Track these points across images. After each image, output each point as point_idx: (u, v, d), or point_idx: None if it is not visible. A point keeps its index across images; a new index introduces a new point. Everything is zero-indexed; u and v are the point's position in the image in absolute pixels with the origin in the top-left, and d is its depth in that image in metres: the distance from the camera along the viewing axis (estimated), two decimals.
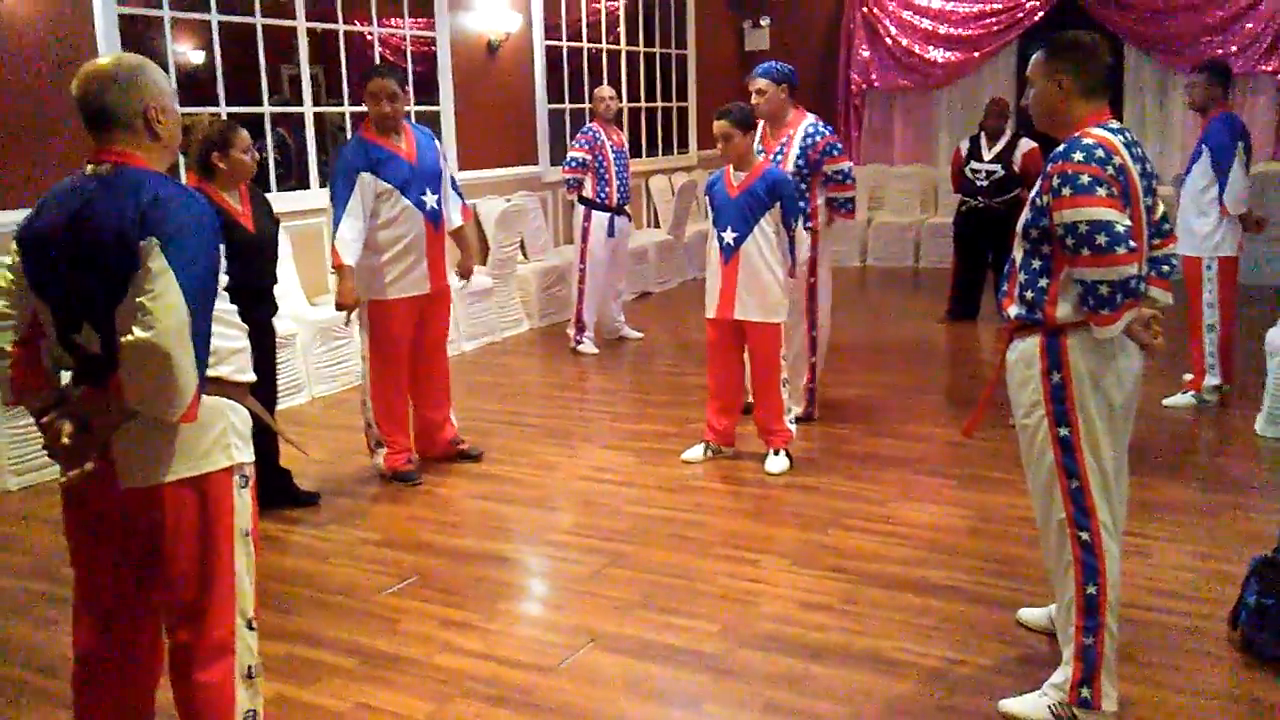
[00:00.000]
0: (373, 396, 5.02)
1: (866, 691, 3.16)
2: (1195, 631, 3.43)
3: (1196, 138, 5.86)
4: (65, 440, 2.26)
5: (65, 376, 2.42)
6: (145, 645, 2.50)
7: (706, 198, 5.10)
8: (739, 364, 5.15)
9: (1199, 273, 5.75)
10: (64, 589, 3.34)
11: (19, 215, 2.45)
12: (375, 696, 3.20)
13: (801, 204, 5.47)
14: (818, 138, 5.47)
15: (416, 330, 5.03)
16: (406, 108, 5.00)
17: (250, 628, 2.47)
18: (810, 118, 5.55)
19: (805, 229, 5.51)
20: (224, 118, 4.43)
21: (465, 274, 5.44)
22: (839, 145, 5.62)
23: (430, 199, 4.90)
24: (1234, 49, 9.94)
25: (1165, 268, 3.03)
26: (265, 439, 4.06)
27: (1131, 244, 2.68)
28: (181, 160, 5.16)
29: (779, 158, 5.46)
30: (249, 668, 2.46)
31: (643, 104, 11.09)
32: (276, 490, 4.67)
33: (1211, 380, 5.85)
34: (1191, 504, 4.55)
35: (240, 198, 4.37)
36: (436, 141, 5.09)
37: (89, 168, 2.30)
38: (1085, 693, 2.88)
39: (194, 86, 8.48)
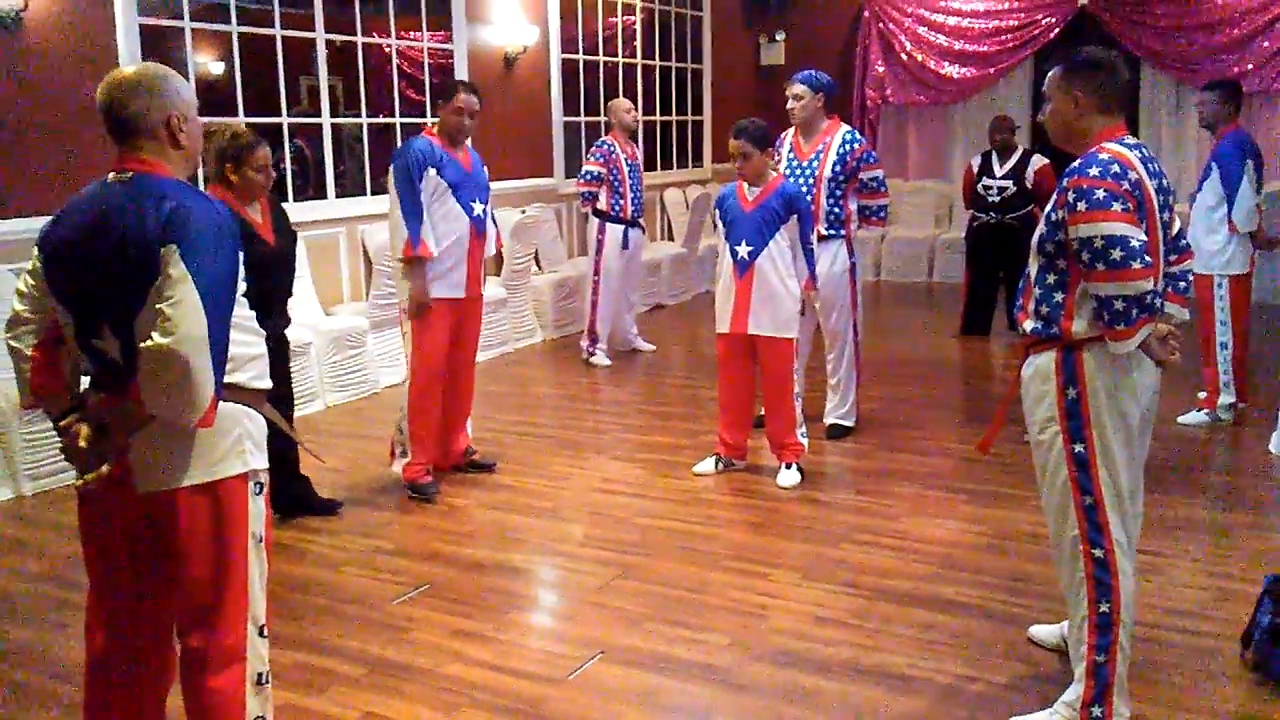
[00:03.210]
0: (410, 402, 4.99)
1: (877, 707, 3.15)
2: (1208, 651, 3.41)
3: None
4: (83, 444, 2.28)
5: (84, 381, 2.44)
6: (157, 650, 2.51)
7: (717, 212, 5.11)
8: (750, 378, 5.15)
9: (1210, 291, 5.74)
10: (77, 594, 3.36)
11: (41, 221, 2.47)
12: (385, 705, 3.20)
13: (836, 210, 5.52)
14: (855, 144, 5.56)
15: (451, 337, 5.04)
16: (432, 120, 5.08)
17: (262, 635, 2.47)
18: (846, 126, 5.62)
19: (839, 236, 5.54)
20: (247, 131, 4.39)
21: None
22: (874, 153, 5.72)
23: (478, 207, 5.01)
24: (1250, 67, 9.92)
25: (1182, 284, 3.02)
26: (285, 447, 4.08)
27: (1147, 259, 2.68)
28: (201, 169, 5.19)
29: (815, 163, 5.50)
30: (259, 674, 2.47)
31: (657, 117, 11.12)
32: (296, 498, 4.69)
33: (1226, 398, 5.83)
34: (1205, 522, 4.53)
35: (260, 210, 4.39)
36: (485, 170, 5.23)
37: (111, 175, 2.32)
38: (1097, 711, 2.86)
39: (214, 97, 8.55)
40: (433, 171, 4.85)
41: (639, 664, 3.42)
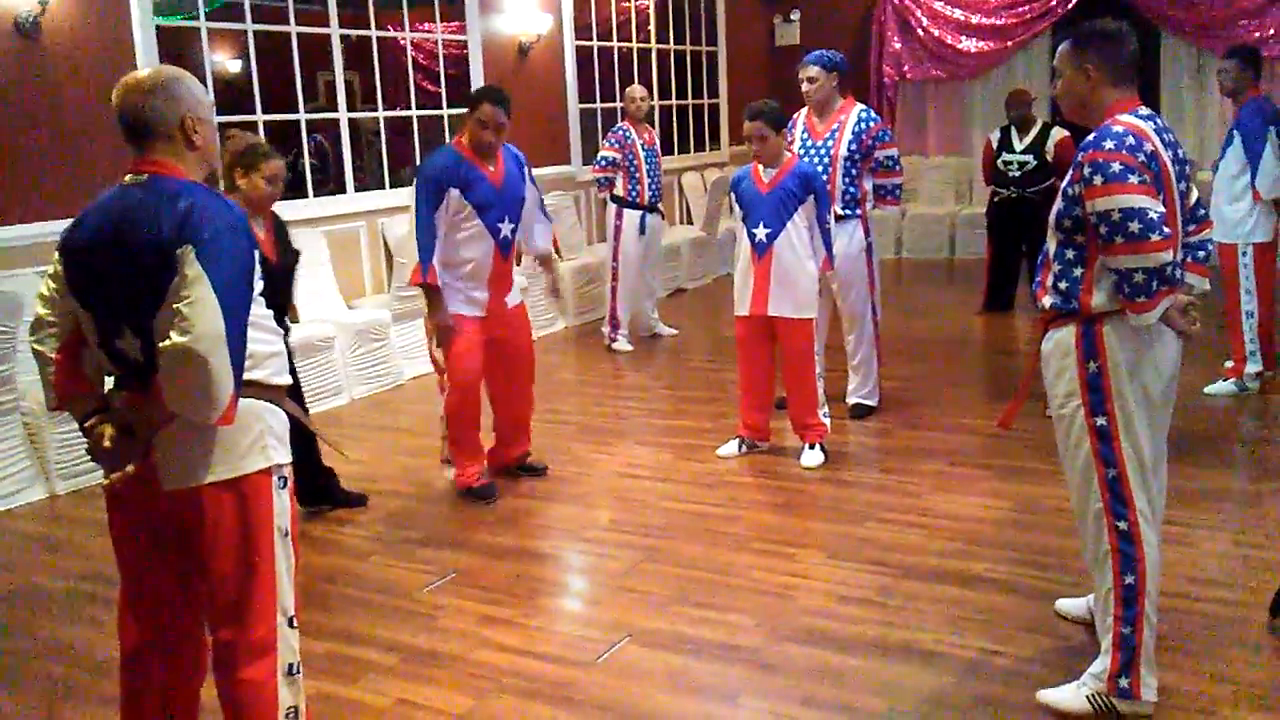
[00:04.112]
0: (448, 415, 4.80)
1: (904, 684, 3.16)
2: (1236, 620, 3.40)
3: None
4: (108, 444, 2.32)
5: (108, 382, 2.47)
6: (190, 643, 2.55)
7: (732, 195, 5.10)
8: (769, 359, 5.15)
9: (1234, 260, 5.70)
10: (112, 590, 3.40)
11: (60, 225, 2.50)
12: (416, 692, 3.24)
13: (851, 189, 5.50)
14: (870, 123, 5.54)
15: (490, 349, 4.79)
16: (453, 112, 4.85)
17: (291, 625, 2.50)
18: (860, 105, 5.60)
19: (855, 216, 5.52)
20: (265, 142, 4.38)
21: (554, 292, 5.79)
22: (889, 131, 5.70)
23: (506, 227, 4.69)
24: (1270, 32, 9.80)
25: (1201, 253, 3.01)
26: (305, 441, 4.11)
27: (1165, 230, 2.66)
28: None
29: (830, 143, 5.49)
30: (290, 665, 2.50)
31: (674, 101, 11.10)
32: (320, 490, 4.74)
33: (1252, 367, 5.79)
34: (1233, 492, 4.51)
35: (265, 226, 4.35)
36: (527, 168, 4.88)
37: (128, 178, 2.35)
38: (1124, 682, 2.86)
39: (231, 95, 8.61)
40: (455, 192, 4.52)
41: (666, 646, 3.44)
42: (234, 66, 10.10)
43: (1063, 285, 2.87)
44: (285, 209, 7.00)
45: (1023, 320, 8.04)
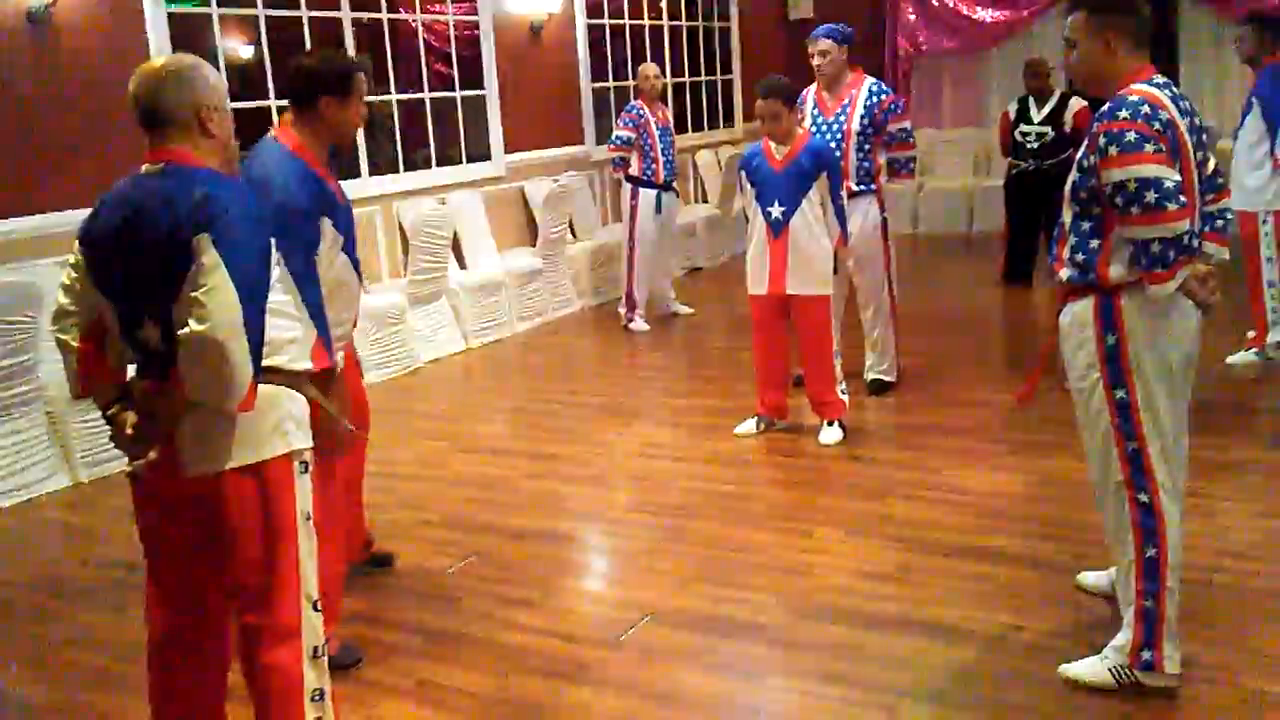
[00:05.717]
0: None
1: (926, 659, 3.16)
2: (1260, 592, 3.39)
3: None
4: (130, 431, 2.35)
5: (130, 370, 2.49)
6: (215, 628, 2.57)
7: (743, 173, 5.07)
8: (785, 337, 5.13)
9: (1255, 228, 5.64)
10: (138, 577, 3.42)
11: (75, 215, 2.51)
12: (439, 674, 3.27)
13: (865, 164, 5.47)
14: (882, 96, 5.52)
15: None
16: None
17: (315, 609, 2.52)
18: (870, 78, 5.56)
19: (869, 191, 5.49)
20: None
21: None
22: (901, 103, 5.67)
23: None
24: None
25: (1220, 222, 2.98)
26: None
27: (1182, 199, 2.64)
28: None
29: (842, 117, 5.45)
30: (315, 648, 2.52)
31: (687, 78, 11.04)
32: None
33: (1274, 336, 5.74)
34: (1256, 463, 4.48)
35: None
36: None
37: (145, 167, 2.36)
38: (1147, 655, 2.86)
39: (244, 81, 8.62)
40: (328, 222, 3.04)
41: (688, 625, 3.45)
42: (246, 52, 10.10)
43: (1080, 257, 2.84)
44: None
45: (1041, 293, 7.99)
